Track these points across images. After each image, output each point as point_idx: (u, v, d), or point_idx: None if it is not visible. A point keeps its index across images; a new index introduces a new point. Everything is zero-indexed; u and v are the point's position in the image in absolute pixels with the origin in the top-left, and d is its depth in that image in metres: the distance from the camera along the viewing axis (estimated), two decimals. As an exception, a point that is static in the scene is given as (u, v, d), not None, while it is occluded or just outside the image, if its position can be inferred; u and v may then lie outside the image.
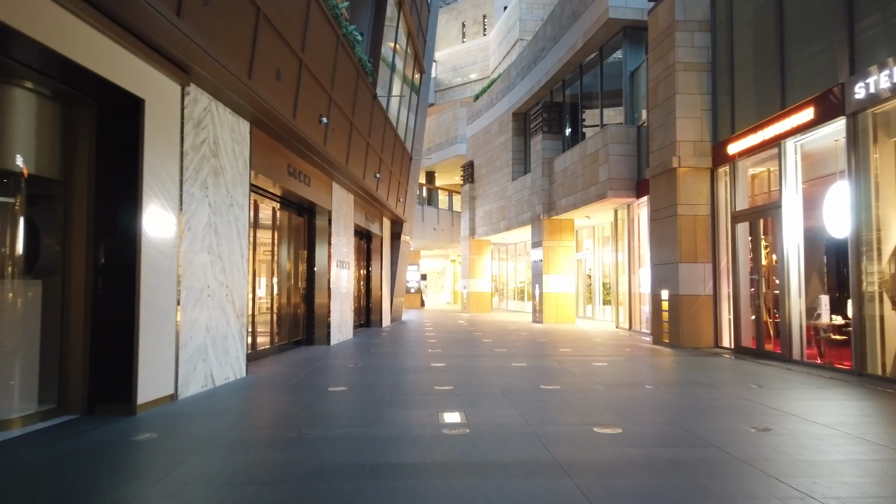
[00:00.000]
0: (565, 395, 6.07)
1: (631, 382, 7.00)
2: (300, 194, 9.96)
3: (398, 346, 11.47)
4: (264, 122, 7.74)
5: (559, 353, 10.04)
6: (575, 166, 16.42)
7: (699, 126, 10.84)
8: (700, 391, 6.38)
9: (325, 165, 10.43)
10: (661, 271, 11.37)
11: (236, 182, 7.23)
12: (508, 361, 8.86)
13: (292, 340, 11.00)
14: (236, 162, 7.23)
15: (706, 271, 10.75)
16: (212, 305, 6.58)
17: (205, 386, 6.40)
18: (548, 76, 18.65)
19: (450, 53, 37.79)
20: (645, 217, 14.26)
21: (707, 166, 10.78)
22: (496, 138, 23.83)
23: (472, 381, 7.04)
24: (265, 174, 8.44)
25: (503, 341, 12.21)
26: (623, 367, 8.40)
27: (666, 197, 11.16)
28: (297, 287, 11.35)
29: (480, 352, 10.21)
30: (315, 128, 9.10)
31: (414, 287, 32.03)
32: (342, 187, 12.42)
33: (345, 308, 12.70)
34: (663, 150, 11.23)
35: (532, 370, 7.99)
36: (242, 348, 7.39)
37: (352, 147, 11.34)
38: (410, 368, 8.15)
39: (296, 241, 11.31)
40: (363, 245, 17.03)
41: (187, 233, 6.06)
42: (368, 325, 17.03)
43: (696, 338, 10.69)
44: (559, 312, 18.33)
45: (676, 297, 10.80)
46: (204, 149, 6.43)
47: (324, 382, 6.96)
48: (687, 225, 10.76)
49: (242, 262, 7.42)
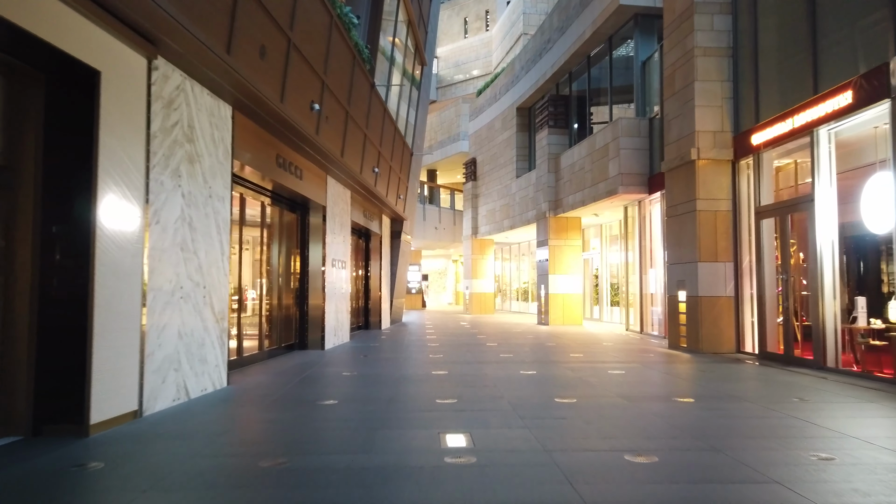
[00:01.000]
0: (585, 411, 5.34)
1: (656, 395, 6.27)
2: (292, 188, 9.24)
3: (397, 350, 10.75)
4: (248, 107, 7.03)
5: (570, 358, 9.31)
6: (583, 161, 15.69)
7: (719, 115, 10.10)
8: (736, 406, 5.65)
9: (318, 157, 9.71)
10: (678, 271, 10.63)
11: (216, 171, 6.51)
12: (516, 369, 8.14)
13: (284, 345, 10.28)
14: (216, 149, 6.51)
15: (727, 271, 10.01)
16: (186, 309, 5.86)
17: (177, 400, 5.68)
18: (554, 68, 17.92)
19: (451, 49, 37.07)
20: (657, 214, 13.53)
21: (728, 158, 10.04)
22: (500, 134, 23.11)
23: (478, 392, 6.31)
24: (251, 165, 7.72)
25: (509, 345, 11.48)
26: (642, 375, 7.66)
27: (684, 192, 10.42)
28: (290, 288, 10.64)
29: (485, 357, 9.49)
30: (306, 115, 8.38)
31: (415, 287, 31.32)
32: (338, 182, 11.70)
33: (341, 310, 11.99)
34: (680, 141, 10.50)
35: (543, 379, 7.26)
36: (223, 356, 6.67)
37: (348, 138, 10.62)
38: (410, 377, 7.43)
39: (288, 239, 10.59)
40: (361, 244, 16.32)
41: (155, 227, 5.35)
42: (367, 328, 16.31)
43: (717, 342, 9.95)
44: (566, 314, 17.60)
45: (695, 299, 10.06)
46: (176, 132, 5.71)
47: (313, 395, 6.24)
48: (707, 221, 10.03)
49: (223, 260, 6.71)
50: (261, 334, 9.28)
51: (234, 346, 8.40)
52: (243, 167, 7.80)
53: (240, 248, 8.60)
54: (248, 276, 9.39)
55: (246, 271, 9.18)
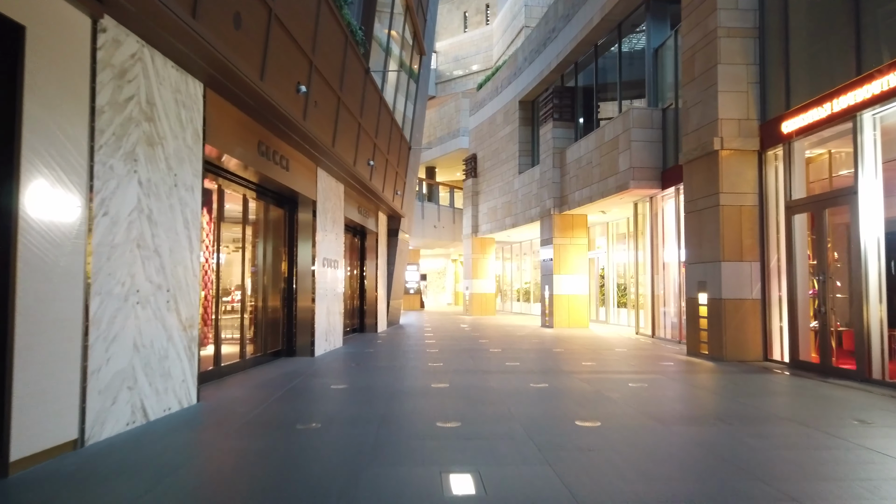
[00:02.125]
0: (613, 439, 4.50)
1: (690, 415, 5.43)
2: (277, 180, 8.39)
3: (393, 357, 9.90)
4: (223, 85, 6.18)
5: (582, 367, 8.47)
6: (591, 155, 14.85)
7: (745, 101, 9.26)
8: (790, 431, 4.81)
9: (307, 147, 8.86)
10: (698, 271, 9.79)
11: (183, 157, 5.66)
12: (525, 380, 7.29)
13: (269, 351, 9.43)
14: (183, 132, 5.67)
15: (753, 271, 9.18)
16: (144, 315, 5.02)
17: (132, 423, 4.83)
18: (559, 58, 17.08)
19: (451, 44, 36.22)
20: (671, 210, 12.70)
21: (754, 148, 9.20)
22: (501, 129, 22.26)
23: (485, 411, 5.47)
24: (228, 152, 6.87)
25: (514, 351, 10.64)
26: (668, 389, 6.82)
27: (705, 185, 9.58)
28: (277, 289, 9.79)
29: (490, 366, 8.65)
30: (292, 98, 7.54)
31: (413, 288, 30.47)
32: (329, 175, 10.85)
33: (333, 312, 11.14)
34: (701, 130, 9.65)
35: (558, 394, 6.41)
36: (192, 368, 5.83)
37: (340, 127, 9.77)
38: (406, 391, 6.58)
39: (275, 236, 9.74)
40: (356, 242, 15.47)
41: (102, 219, 4.50)
42: (362, 331, 15.47)
43: (742, 349, 9.11)
44: (571, 316, 16.76)
45: (718, 302, 9.22)
46: (131, 109, 4.86)
47: (293, 414, 5.39)
48: (731, 217, 9.19)
49: (192, 259, 5.86)
50: (243, 340, 8.43)
51: (210, 354, 7.56)
52: (221, 155, 6.95)
53: (217, 245, 7.75)
54: (229, 276, 8.56)
55: (226, 271, 8.34)
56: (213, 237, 7.84)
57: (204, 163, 6.50)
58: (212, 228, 8.19)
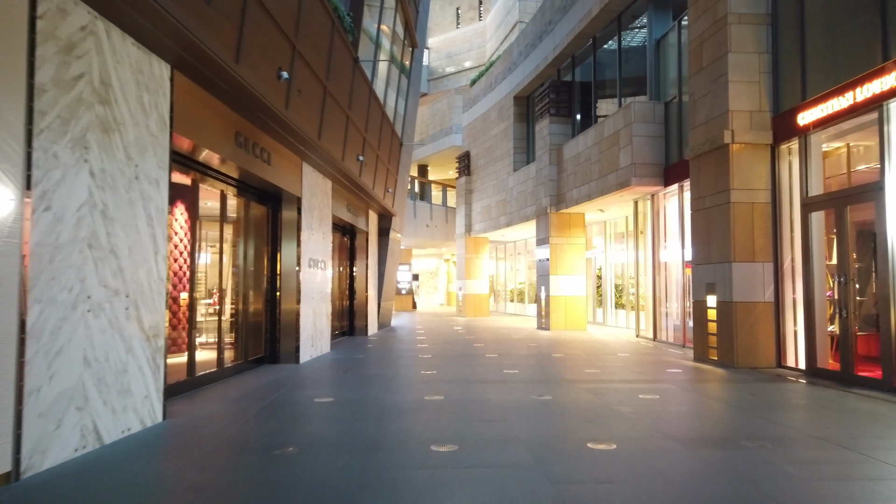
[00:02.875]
0: (634, 468, 3.93)
1: (715, 435, 4.87)
2: (258, 174, 7.78)
3: (384, 364, 9.31)
4: (193, 67, 5.56)
5: (586, 375, 7.91)
6: (589, 152, 14.31)
7: (756, 92, 8.73)
8: (831, 456, 4.26)
9: (290, 139, 8.24)
10: (706, 272, 9.25)
11: (146, 146, 5.05)
12: (527, 391, 6.72)
13: (251, 358, 8.81)
14: (146, 118, 5.05)
15: (766, 272, 8.65)
16: (97, 325, 4.40)
17: (81, 449, 4.22)
18: (556, 52, 16.53)
19: (443, 40, 35.61)
20: (674, 208, 12.17)
21: (767, 142, 8.67)
22: (495, 126, 21.69)
23: (485, 432, 4.89)
24: (201, 142, 6.25)
25: (512, 357, 10.07)
26: (683, 402, 6.27)
27: (714, 181, 9.05)
28: (259, 291, 9.17)
29: (487, 374, 8.07)
30: (272, 85, 6.93)
31: (405, 288, 29.87)
32: (316, 170, 10.23)
33: (320, 315, 10.53)
34: (710, 123, 9.12)
35: (563, 409, 5.84)
36: (157, 382, 5.21)
37: (326, 119, 9.17)
38: (397, 405, 5.99)
39: (257, 235, 9.12)
40: (346, 242, 14.86)
41: (44, 214, 3.88)
42: (352, 334, 14.85)
43: (754, 355, 8.58)
44: (569, 318, 16.22)
45: (728, 305, 8.68)
46: (81, 89, 4.24)
47: (268, 436, 4.79)
48: (742, 215, 8.65)
49: (158, 260, 5.24)
50: (220, 347, 7.81)
51: (183, 362, 6.94)
52: (195, 146, 6.34)
53: (192, 244, 7.13)
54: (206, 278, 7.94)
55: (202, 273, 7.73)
56: (188, 236, 7.24)
57: (173, 154, 5.91)
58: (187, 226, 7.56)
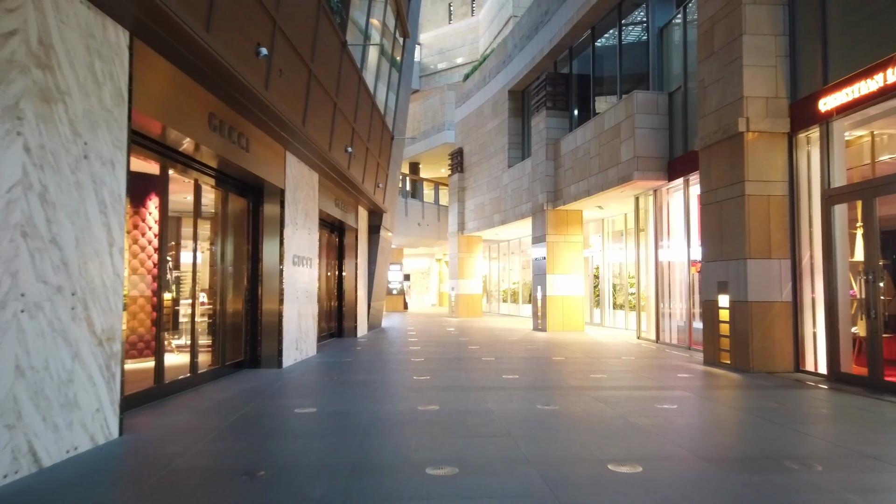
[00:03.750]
0: (667, 494, 3.32)
1: (751, 454, 4.26)
2: (235, 162, 7.11)
3: (374, 368, 8.67)
4: (156, 34, 4.89)
5: (593, 382, 7.30)
6: (588, 146, 13.73)
7: (773, 78, 8.17)
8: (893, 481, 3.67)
9: (271, 124, 7.58)
10: (718, 270, 8.68)
11: (97, 121, 4.38)
12: (530, 400, 6.11)
13: (229, 363, 8.13)
14: (98, 89, 4.38)
15: (783, 270, 8.09)
16: (33, 328, 3.73)
17: (12, 474, 3.54)
18: (552, 43, 15.95)
19: (435, 35, 34.97)
20: (678, 204, 11.62)
21: (784, 130, 8.11)
22: (489, 121, 21.09)
23: (488, 450, 4.26)
24: (169, 122, 5.58)
25: (510, 360, 9.46)
26: (705, 412, 5.68)
27: (727, 173, 8.47)
28: (239, 290, 8.49)
29: (485, 380, 7.45)
30: (249, 62, 6.27)
31: (396, 288, 29.20)
32: (301, 161, 9.57)
33: (305, 316, 9.86)
34: (722, 110, 8.55)
35: (575, 421, 5.22)
36: (112, 393, 4.54)
37: (312, 105, 8.51)
38: (387, 417, 5.35)
39: (236, 229, 8.45)
40: (334, 239, 14.19)
41: (-41, 194, 3.22)
42: (340, 335, 14.18)
43: (770, 359, 8.01)
44: (566, 319, 15.62)
45: (743, 305, 8.11)
46: (13, 48, 3.58)
47: (235, 457, 4.14)
48: (758, 208, 8.08)
49: (113, 253, 4.58)
50: (194, 351, 7.13)
51: (150, 368, 6.28)
52: (163, 129, 5.68)
53: (161, 237, 6.46)
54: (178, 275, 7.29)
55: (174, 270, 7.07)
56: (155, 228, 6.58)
57: (136, 135, 5.27)
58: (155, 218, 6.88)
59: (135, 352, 7.61)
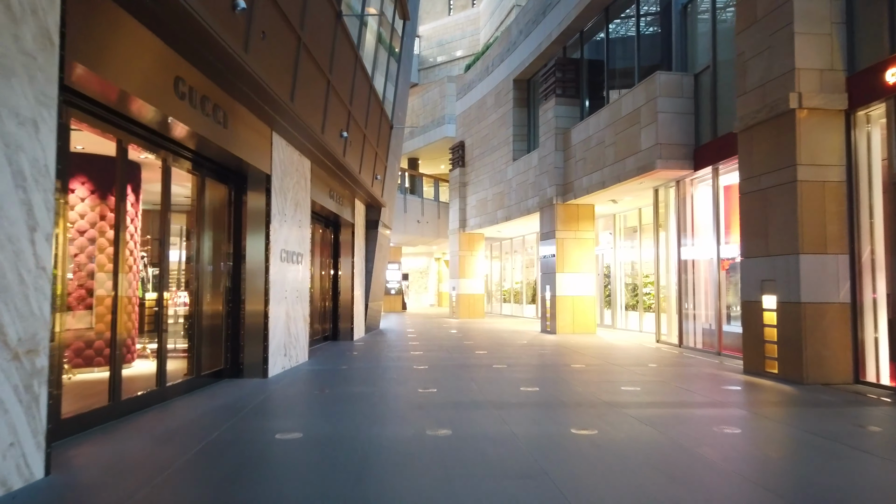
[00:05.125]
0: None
1: (866, 500, 3.25)
2: (210, 139, 6.08)
3: (371, 378, 7.64)
4: (98, -35, 3.87)
5: (626, 396, 6.29)
6: (602, 134, 12.72)
7: (828, 47, 7.17)
8: None
9: (252, 96, 6.53)
10: (761, 268, 7.68)
11: (12, 68, 3.35)
12: (558, 420, 5.09)
13: (206, 372, 7.08)
14: (14, 26, 3.35)
15: (840, 267, 7.09)
16: None
17: None
18: (561, 27, 14.91)
19: (435, 27, 33.95)
20: (705, 196, 10.63)
21: (840, 107, 7.11)
22: (492, 112, 20.07)
23: (520, 498, 3.24)
24: (119, 82, 4.54)
25: (523, 368, 8.44)
26: (777, 438, 4.68)
27: (773, 156, 7.47)
28: (218, 289, 7.46)
29: (500, 393, 6.42)
30: (224, 16, 5.25)
31: (395, 288, 28.18)
32: (290, 144, 8.53)
33: (295, 319, 8.82)
34: (767, 86, 7.54)
35: (622, 452, 4.20)
36: (34, 421, 3.51)
37: (302, 78, 7.49)
38: (387, 447, 4.33)
39: (215, 219, 7.42)
40: (329, 235, 13.15)
41: None
42: (336, 338, 13.14)
43: (826, 368, 7.01)
44: (576, 320, 14.60)
45: (795, 308, 7.10)
46: None
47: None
48: (811, 197, 7.08)
49: (36, 241, 3.54)
50: (162, 359, 6.09)
51: (104, 380, 5.25)
52: (117, 93, 4.64)
53: (118, 225, 5.42)
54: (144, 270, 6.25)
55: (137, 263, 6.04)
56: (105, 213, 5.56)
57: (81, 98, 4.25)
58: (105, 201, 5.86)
59: (82, 360, 6.63)
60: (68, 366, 7.25)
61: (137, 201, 8.34)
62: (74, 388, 6.37)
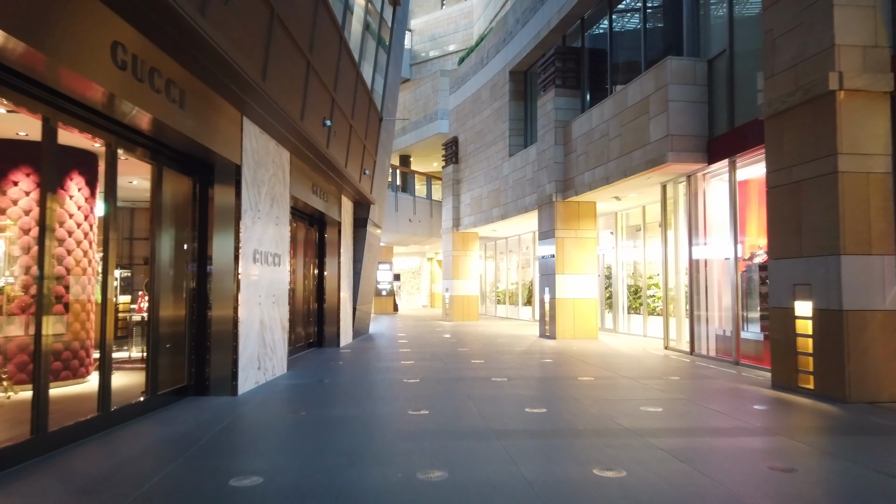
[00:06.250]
0: None
1: None
2: (161, 120, 5.16)
3: (356, 397, 6.75)
4: None
5: (649, 420, 5.43)
6: (606, 126, 11.87)
7: (871, 21, 6.34)
8: None
9: (215, 72, 5.62)
10: (794, 270, 6.84)
11: None
12: (579, 457, 4.23)
13: (165, 390, 6.16)
14: None
15: (886, 269, 6.26)
16: None
17: None
18: (561, 14, 14.06)
19: (427, 21, 33.04)
20: (720, 191, 9.81)
21: (887, 89, 6.29)
22: (487, 106, 19.21)
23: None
24: (30, 41, 3.64)
25: (527, 382, 7.58)
26: (847, 483, 3.84)
27: (809, 145, 6.63)
28: (180, 291, 6.55)
29: (504, 418, 5.55)
30: (172, -32, 4.34)
31: (386, 289, 27.26)
32: (264, 132, 7.62)
33: (272, 326, 7.91)
34: (800, 66, 6.71)
35: (659, 502, 3.34)
36: None
37: (275, 56, 6.58)
38: (365, 498, 3.44)
39: (176, 214, 6.51)
40: (313, 234, 12.24)
41: None
42: (321, 344, 12.22)
43: (872, 385, 6.17)
44: (577, 324, 13.76)
45: (835, 315, 6.27)
46: None
47: None
48: (854, 189, 6.25)
49: None
50: (105, 378, 5.16)
51: (25, 403, 4.33)
52: (36, 59, 3.73)
53: (42, 222, 4.51)
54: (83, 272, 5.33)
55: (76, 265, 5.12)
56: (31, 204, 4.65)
57: None
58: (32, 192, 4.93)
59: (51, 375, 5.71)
60: (8, 382, 6.35)
61: (93, 196, 7.44)
62: (6, 414, 5.47)
